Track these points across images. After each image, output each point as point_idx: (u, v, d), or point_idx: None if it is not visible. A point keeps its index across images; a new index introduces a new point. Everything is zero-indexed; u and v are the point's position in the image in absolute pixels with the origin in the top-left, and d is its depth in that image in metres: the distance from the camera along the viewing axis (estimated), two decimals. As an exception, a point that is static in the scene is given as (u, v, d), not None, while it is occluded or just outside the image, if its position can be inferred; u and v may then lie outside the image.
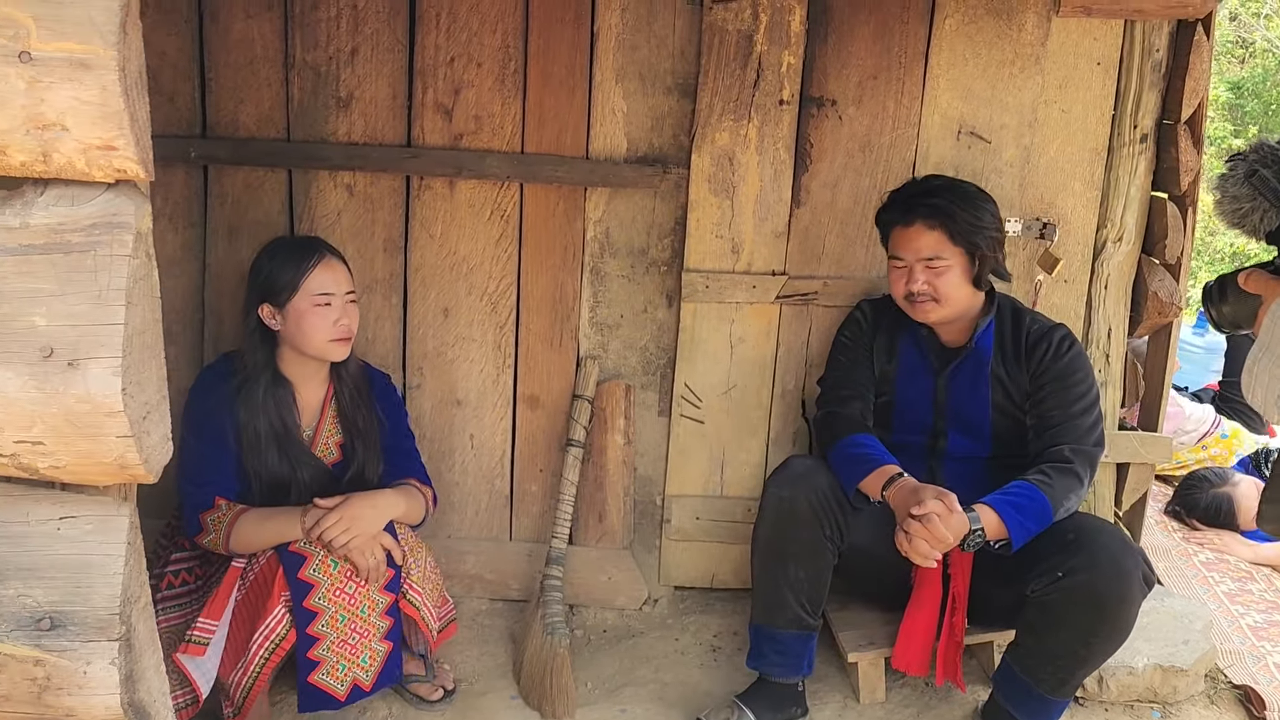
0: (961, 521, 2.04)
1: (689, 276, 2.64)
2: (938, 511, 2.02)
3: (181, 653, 2.07)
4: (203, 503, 2.17)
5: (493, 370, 2.75)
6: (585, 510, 2.80)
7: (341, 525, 2.13)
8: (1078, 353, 2.29)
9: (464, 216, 2.67)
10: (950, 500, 2.05)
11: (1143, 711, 2.50)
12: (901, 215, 2.29)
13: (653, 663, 2.63)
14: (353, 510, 2.16)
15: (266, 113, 2.61)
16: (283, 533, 2.15)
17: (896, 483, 2.16)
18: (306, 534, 2.14)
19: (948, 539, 2.02)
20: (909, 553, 2.05)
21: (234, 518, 2.15)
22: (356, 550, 2.14)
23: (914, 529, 2.03)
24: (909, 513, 2.05)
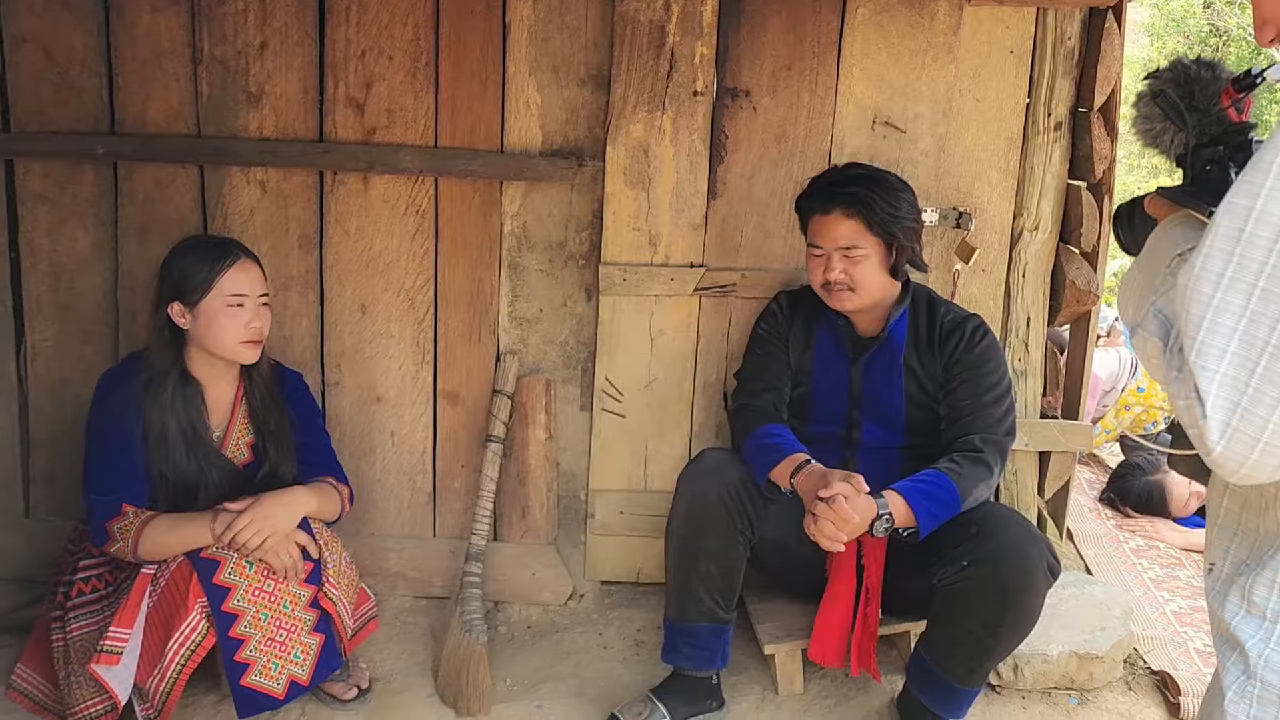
0: (869, 505, 2.04)
1: (606, 270, 2.63)
2: (845, 494, 2.02)
3: (95, 663, 2.04)
4: (109, 511, 2.14)
5: (412, 367, 2.73)
6: (509, 506, 2.78)
7: (253, 527, 2.11)
8: (990, 343, 2.29)
9: (379, 212, 2.64)
10: (858, 482, 2.05)
11: (1060, 699, 2.51)
12: (820, 203, 2.28)
13: (574, 658, 2.61)
14: (263, 510, 2.13)
15: (175, 108, 2.58)
16: (192, 539, 2.12)
17: (804, 469, 2.16)
18: (217, 539, 2.11)
19: (854, 520, 2.01)
20: (816, 536, 2.05)
21: (141, 525, 2.12)
22: (270, 551, 2.12)
23: (821, 511, 2.02)
24: (816, 495, 2.04)
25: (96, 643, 2.13)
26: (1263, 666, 0.96)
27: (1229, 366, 0.90)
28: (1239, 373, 0.90)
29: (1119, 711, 2.48)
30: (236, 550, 2.09)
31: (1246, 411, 0.90)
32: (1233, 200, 0.90)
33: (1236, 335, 0.90)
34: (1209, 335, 0.91)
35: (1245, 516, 1.03)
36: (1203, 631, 2.85)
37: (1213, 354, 0.91)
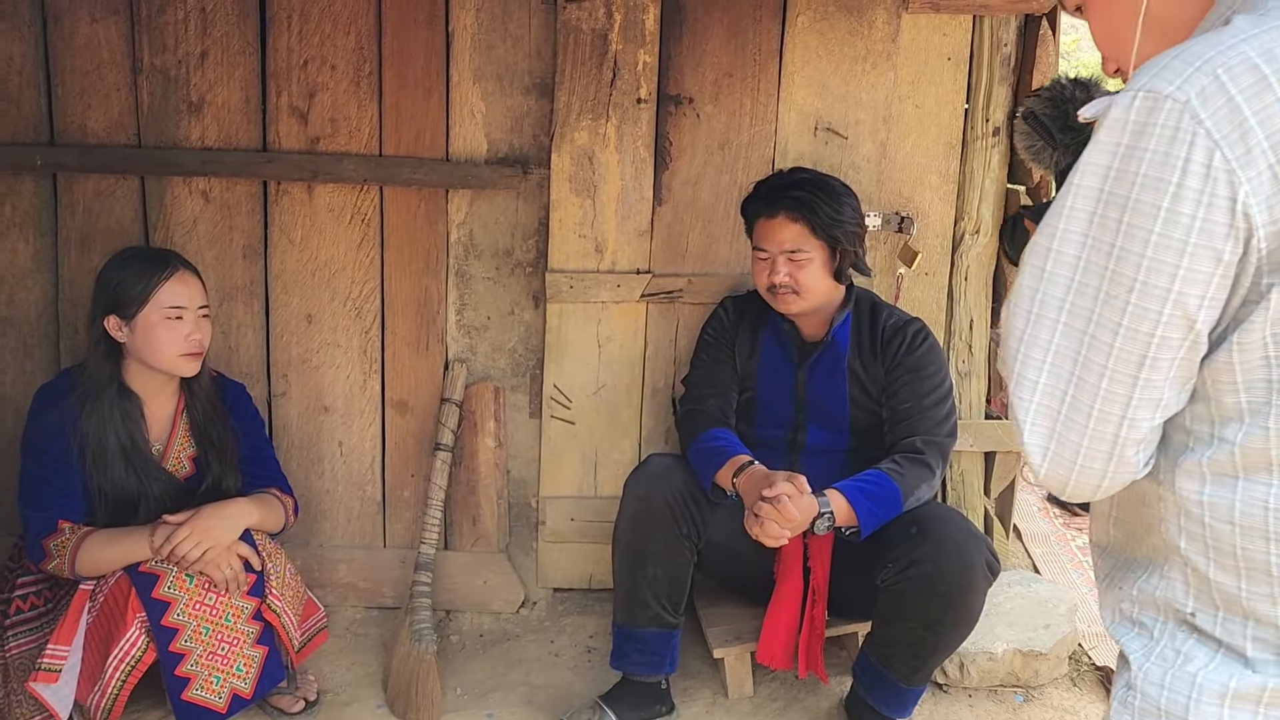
0: (811, 504, 2.06)
1: (553, 277, 2.63)
2: (788, 493, 2.04)
3: (34, 681, 2.01)
4: (45, 528, 2.12)
5: (359, 376, 2.72)
6: (459, 514, 2.78)
7: (193, 539, 2.09)
8: (931, 346, 2.31)
9: (324, 221, 2.63)
10: (800, 482, 2.07)
11: (1006, 696, 2.54)
12: (765, 207, 2.30)
13: (525, 666, 2.61)
14: (203, 522, 2.12)
15: (116, 118, 2.56)
16: (131, 553, 2.10)
17: (746, 470, 2.18)
18: (156, 552, 2.09)
19: (797, 518, 2.03)
20: (759, 535, 2.06)
21: (78, 541, 2.10)
22: (211, 564, 2.10)
23: (764, 511, 2.03)
24: (760, 494, 2.06)
25: (35, 660, 2.10)
26: (1142, 679, 0.99)
27: (1041, 397, 0.96)
28: (1050, 401, 0.96)
29: (1064, 708, 2.52)
30: (176, 563, 2.07)
31: (1060, 437, 0.96)
32: (1035, 241, 0.97)
33: (1046, 367, 0.95)
34: (1022, 368, 0.97)
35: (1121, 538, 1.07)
36: (1147, 627, 2.89)
37: (1026, 385, 0.97)
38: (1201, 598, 0.97)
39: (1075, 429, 0.95)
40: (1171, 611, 1.00)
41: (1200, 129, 0.85)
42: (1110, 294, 0.91)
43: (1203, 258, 0.87)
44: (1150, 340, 0.90)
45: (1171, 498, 0.97)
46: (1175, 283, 0.88)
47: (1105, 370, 0.92)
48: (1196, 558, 0.96)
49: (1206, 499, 0.94)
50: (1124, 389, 0.92)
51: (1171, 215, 0.86)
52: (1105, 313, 0.92)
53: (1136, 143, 0.88)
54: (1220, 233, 0.86)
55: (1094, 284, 0.92)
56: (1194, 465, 0.95)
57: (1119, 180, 0.89)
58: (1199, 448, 0.95)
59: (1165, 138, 0.86)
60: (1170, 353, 0.90)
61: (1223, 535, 0.94)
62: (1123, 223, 0.89)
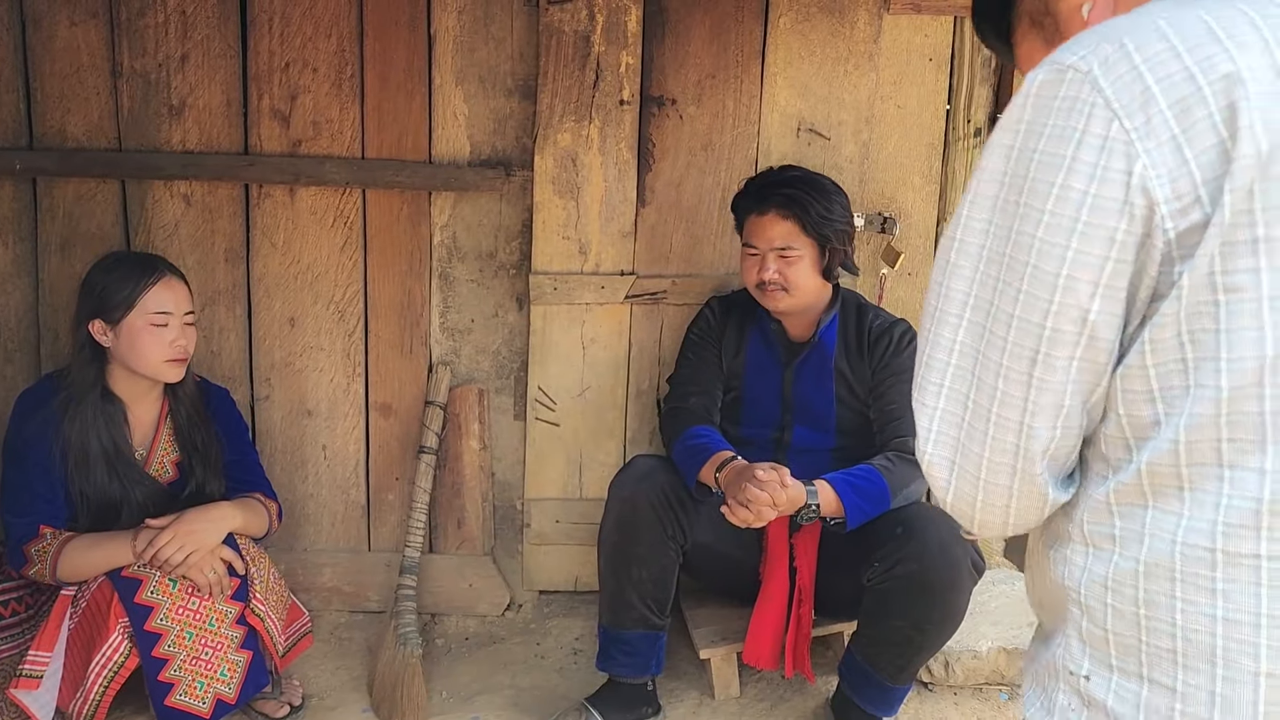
0: (798, 491, 2.06)
1: (537, 279, 2.63)
2: (773, 479, 2.04)
3: (14, 688, 2.00)
4: (26, 534, 2.10)
5: (343, 379, 2.71)
6: (444, 517, 2.77)
7: (176, 543, 2.08)
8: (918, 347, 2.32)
9: (306, 224, 2.63)
10: (784, 474, 2.07)
11: (991, 694, 2.55)
12: (756, 203, 2.31)
13: (511, 668, 2.61)
14: (186, 525, 2.11)
15: (96, 122, 2.54)
16: (113, 558, 2.09)
17: (729, 465, 2.18)
18: (139, 556, 2.08)
19: (782, 500, 2.03)
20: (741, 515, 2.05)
21: (59, 547, 2.08)
22: (194, 567, 2.10)
23: (751, 493, 2.03)
24: (749, 477, 2.06)
25: (17, 667, 2.09)
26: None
27: (945, 402, 0.87)
28: (953, 407, 0.87)
29: (1048, 705, 2.52)
30: (159, 567, 2.06)
31: (964, 449, 0.87)
32: (945, 232, 0.89)
33: (950, 369, 0.87)
34: (926, 371, 0.88)
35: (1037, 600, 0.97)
36: (1131, 624, 2.91)
37: (930, 390, 0.88)
38: (1096, 654, 0.85)
39: (977, 438, 0.85)
40: (1065, 676, 0.88)
41: (1100, 98, 0.77)
42: (1006, 282, 0.82)
43: (1094, 238, 0.78)
44: (1041, 333, 0.81)
45: (1078, 535, 0.87)
46: (1065, 266, 0.79)
47: (1000, 368, 0.83)
48: (1094, 603, 0.85)
49: (1117, 533, 0.83)
50: (1019, 389, 0.83)
51: (1063, 192, 0.78)
52: (1001, 304, 0.83)
53: (1037, 117, 0.80)
54: (1113, 209, 0.77)
55: (994, 273, 0.83)
56: (1101, 497, 0.84)
57: (1020, 159, 0.81)
58: (1111, 476, 0.84)
59: (1064, 110, 0.79)
60: (1065, 349, 0.81)
61: (1124, 577, 0.82)
62: (1020, 204, 0.81)
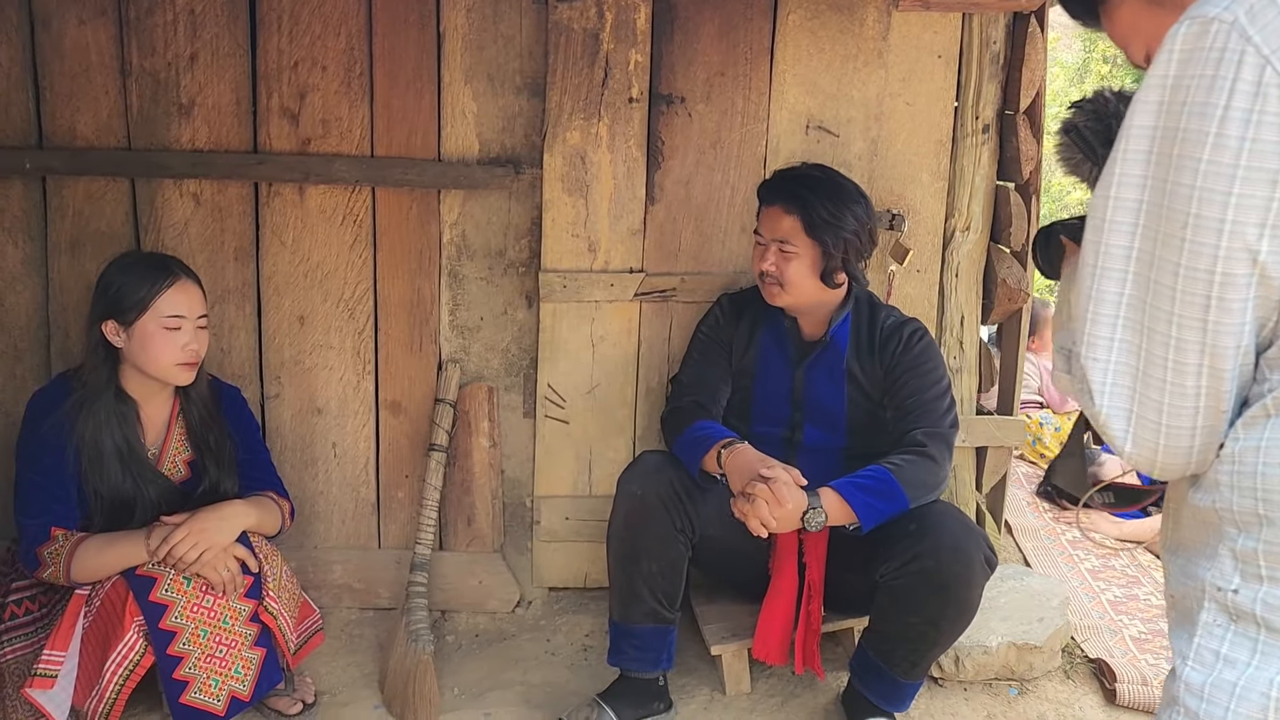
0: (801, 497, 2.06)
1: (546, 277, 2.64)
2: (783, 478, 2.05)
3: (30, 687, 2.00)
4: (39, 536, 2.10)
5: (353, 377, 2.71)
6: (454, 514, 2.78)
7: (189, 541, 2.08)
8: (928, 344, 2.33)
9: (316, 222, 2.63)
10: (796, 475, 2.08)
11: (1000, 689, 2.56)
12: (769, 193, 2.34)
13: (522, 665, 2.61)
14: (200, 524, 2.11)
15: (105, 121, 2.55)
16: (126, 557, 2.09)
17: (733, 448, 2.18)
18: (153, 554, 2.08)
19: (788, 504, 2.03)
20: (748, 516, 2.06)
21: (72, 548, 2.08)
22: (208, 566, 2.10)
23: (758, 490, 2.04)
24: (757, 473, 2.06)
25: (31, 666, 2.10)
26: (1184, 691, 0.93)
27: (1117, 354, 0.90)
28: (1127, 358, 0.89)
29: (1058, 700, 2.54)
30: (173, 566, 2.07)
31: (1141, 397, 0.89)
32: (1096, 192, 0.91)
33: (1119, 321, 0.89)
34: (1093, 327, 0.90)
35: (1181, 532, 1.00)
36: (1138, 619, 2.93)
37: (1100, 344, 0.90)
38: (1247, 568, 0.89)
39: (1155, 385, 0.88)
40: (1213, 594, 0.91)
41: (1249, 46, 0.79)
42: (1168, 233, 0.84)
43: (1256, 181, 0.80)
44: (1211, 279, 0.83)
45: (1230, 449, 0.89)
46: (1229, 211, 0.81)
47: (1173, 317, 0.85)
48: (1245, 513, 0.88)
49: (1264, 443, 0.86)
50: (1195, 334, 0.85)
51: (1220, 140, 0.80)
52: (1165, 254, 0.85)
53: (1184, 71, 0.82)
54: (1273, 151, 0.79)
55: (1154, 225, 0.86)
56: (1259, 409, 0.87)
57: (1169, 113, 0.84)
58: (1268, 392, 0.87)
59: (1213, 60, 0.81)
60: (1238, 291, 0.83)
61: (1274, 481, 0.85)
62: (1174, 155, 0.83)
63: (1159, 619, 2.92)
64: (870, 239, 2.35)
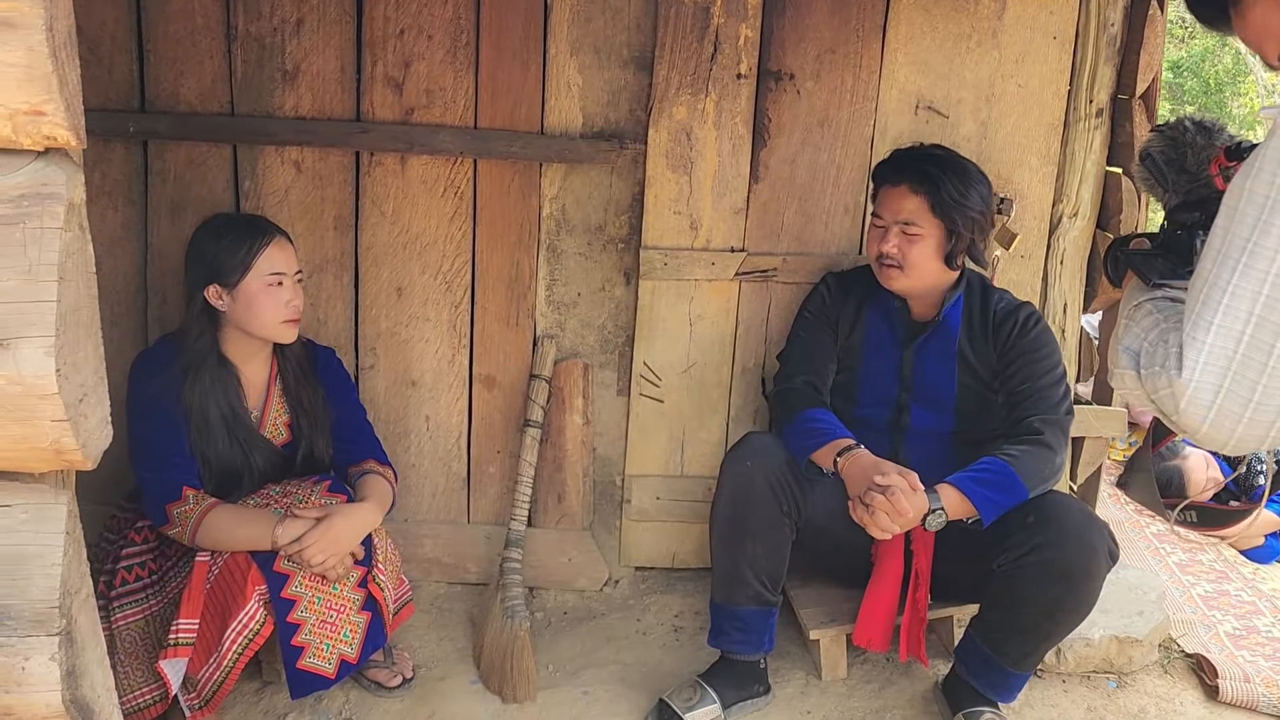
0: (921, 500, 2.04)
1: (647, 254, 2.61)
2: (900, 486, 2.02)
3: (166, 657, 2.00)
4: (168, 494, 2.09)
5: (448, 350, 2.70)
6: (544, 492, 2.76)
7: (320, 546, 2.07)
8: (1044, 329, 2.29)
9: (417, 193, 2.61)
10: (913, 478, 2.04)
11: (1099, 682, 2.53)
12: (892, 173, 2.29)
13: (614, 644, 2.60)
14: (333, 532, 2.09)
15: (209, 86, 2.52)
16: (254, 540, 2.07)
17: (851, 453, 2.15)
18: (282, 549, 2.06)
19: (908, 513, 2.01)
20: (868, 524, 2.04)
21: (202, 514, 2.07)
22: (330, 569, 2.10)
23: (876, 501, 2.02)
24: (872, 481, 2.04)
25: (144, 630, 2.10)
26: None
27: (1216, 338, 0.96)
28: (1225, 343, 0.96)
29: (1157, 694, 2.51)
30: (296, 564, 2.06)
31: (1236, 376, 0.96)
32: (1231, 182, 0.98)
33: (1222, 308, 0.96)
34: (1201, 309, 0.97)
35: None
36: (1230, 615, 2.89)
37: (1203, 326, 0.97)
38: None
39: (1254, 367, 0.95)
40: None
41: None
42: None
43: None
44: None
45: None
46: None
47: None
48: None
49: None
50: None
51: None
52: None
53: None
54: None
55: (1278, 222, 0.93)
56: None
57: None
58: None
59: None
60: None
61: None
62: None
63: (1251, 615, 2.88)
64: (991, 222, 2.31)
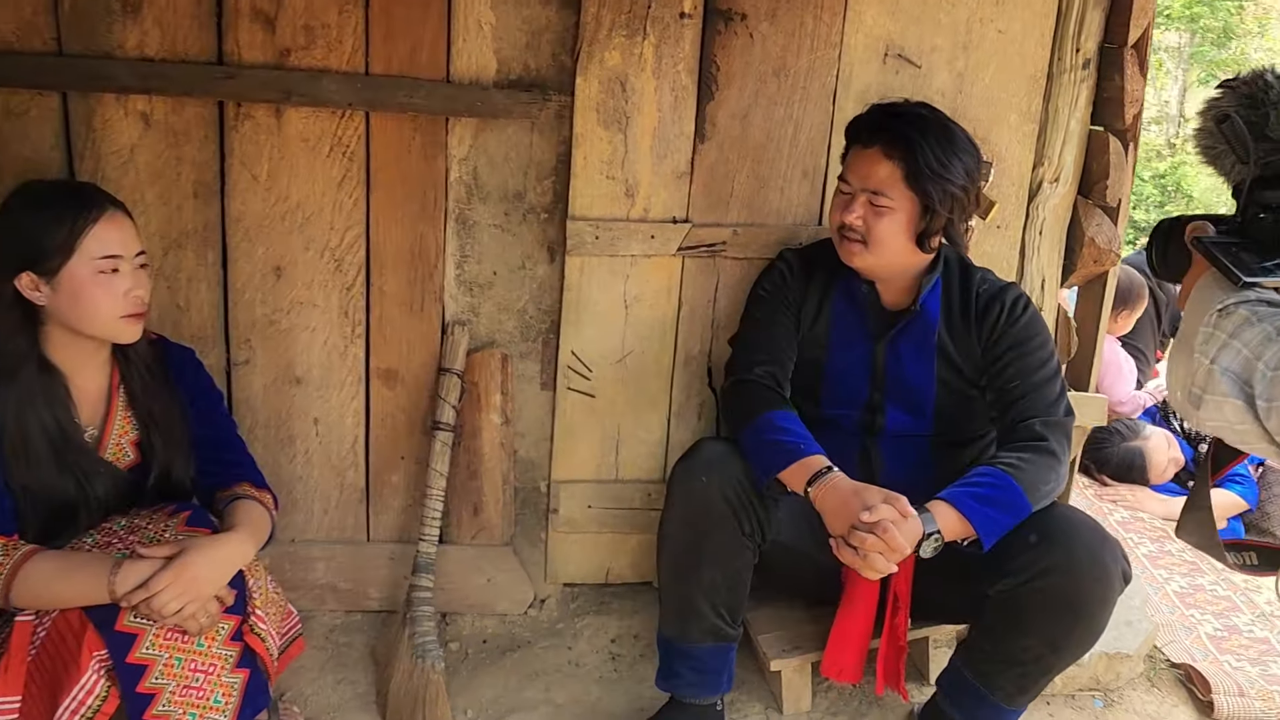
0: (915, 526, 1.72)
1: (575, 225, 2.22)
2: (891, 518, 1.69)
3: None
4: None
5: (339, 341, 2.27)
6: (458, 503, 2.38)
7: (174, 592, 1.62)
8: (1034, 314, 1.99)
9: (296, 153, 2.16)
10: (902, 504, 1.72)
11: (1085, 701, 2.29)
12: (866, 132, 1.94)
13: (543, 679, 2.25)
14: (190, 571, 1.64)
15: (28, 19, 2.02)
16: (85, 594, 1.61)
17: (827, 479, 1.81)
18: (123, 600, 1.62)
19: (905, 548, 1.69)
20: (860, 568, 1.72)
21: (16, 566, 1.62)
22: (189, 618, 1.67)
23: (867, 543, 1.69)
24: (858, 519, 1.71)
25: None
26: None
27: None
28: None
29: (1148, 713, 2.28)
30: (145, 616, 1.63)
31: None
32: None
33: None
34: None
35: None
36: (1209, 613, 2.69)
37: None
38: None
39: None
40: None
41: None
42: None
43: None
44: None
45: None
46: None
47: None
48: None
49: None
50: None
51: None
52: None
53: None
54: None
55: None
56: None
57: None
58: None
59: None
60: None
61: None
62: None
63: (1230, 613, 2.68)
64: (975, 200, 1.99)
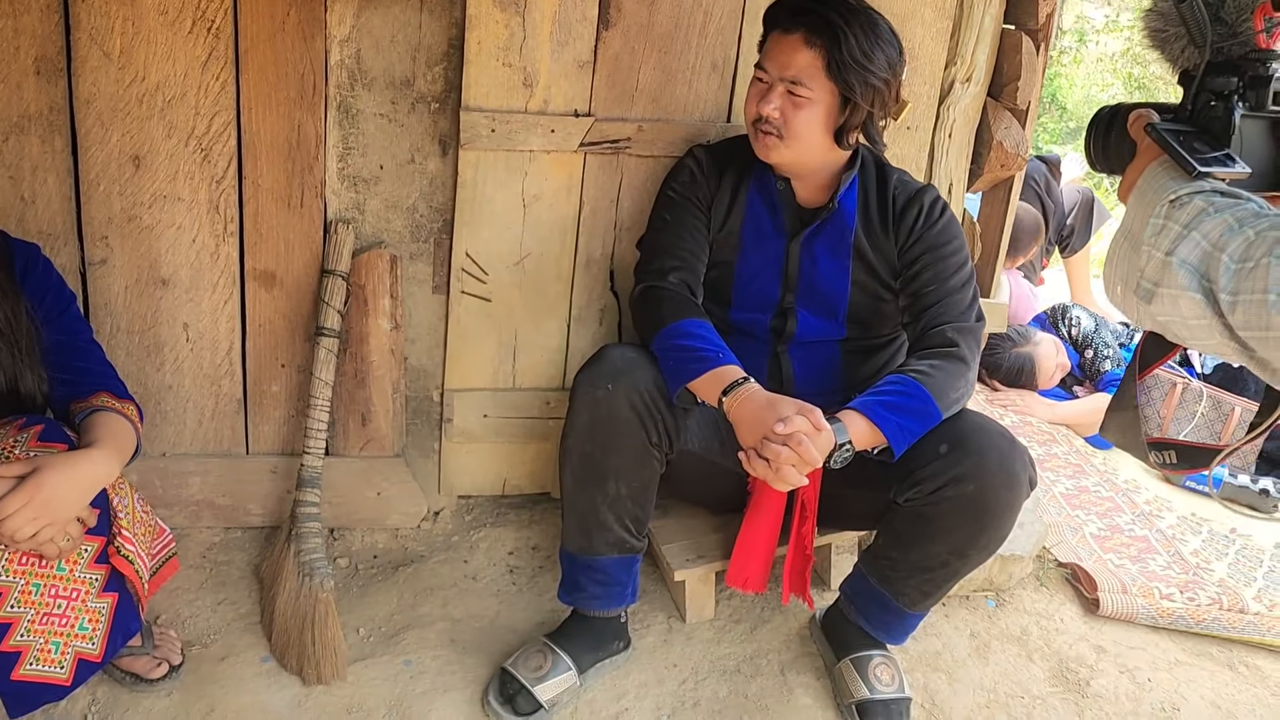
0: (828, 438, 1.67)
1: (469, 116, 2.06)
2: (804, 430, 1.64)
3: None
4: None
5: (210, 239, 2.08)
6: (345, 413, 2.24)
7: (28, 514, 1.46)
8: (950, 218, 1.94)
9: (154, 28, 1.93)
10: (816, 416, 1.67)
11: (978, 602, 2.33)
12: (786, 18, 1.82)
13: (439, 594, 2.17)
14: (45, 492, 1.47)
15: None
16: None
17: (741, 391, 1.75)
18: None
19: (818, 460, 1.65)
20: (771, 479, 1.66)
21: None
22: (47, 543, 1.50)
23: (781, 456, 1.63)
24: (771, 431, 1.65)
25: None
26: None
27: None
28: None
29: (1036, 611, 2.34)
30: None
31: None
32: None
33: None
34: None
35: None
36: (1093, 514, 2.77)
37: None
38: None
39: None
40: None
41: None
42: None
43: None
44: None
45: None
46: None
47: None
48: None
49: None
50: None
51: None
52: None
53: None
54: None
55: None
56: None
57: None
58: None
59: None
60: None
61: None
62: None
63: (1113, 513, 2.77)
64: (895, 96, 1.91)
